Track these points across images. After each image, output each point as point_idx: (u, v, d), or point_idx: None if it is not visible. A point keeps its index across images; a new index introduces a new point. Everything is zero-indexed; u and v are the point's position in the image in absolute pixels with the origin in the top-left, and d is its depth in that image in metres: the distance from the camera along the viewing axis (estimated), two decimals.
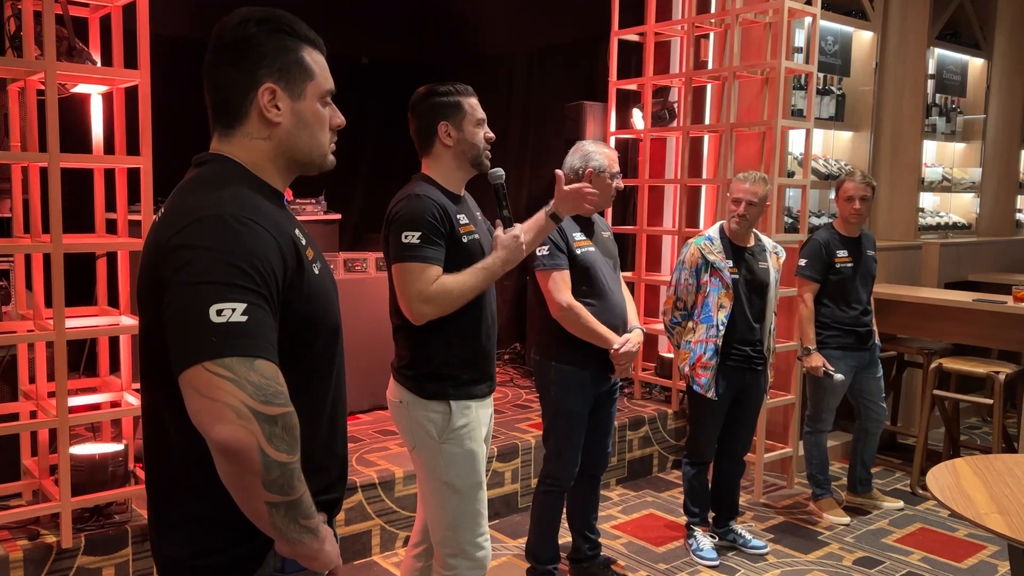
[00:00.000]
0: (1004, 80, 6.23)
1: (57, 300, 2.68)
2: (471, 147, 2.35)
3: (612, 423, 3.24)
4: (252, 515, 1.24)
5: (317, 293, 1.38)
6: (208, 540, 1.33)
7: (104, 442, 3.12)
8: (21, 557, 2.73)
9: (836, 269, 3.95)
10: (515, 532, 3.76)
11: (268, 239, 1.27)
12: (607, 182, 3.01)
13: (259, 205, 1.32)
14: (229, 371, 1.16)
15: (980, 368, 4.24)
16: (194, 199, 1.31)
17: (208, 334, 1.17)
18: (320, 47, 1.44)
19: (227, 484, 1.21)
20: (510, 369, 5.74)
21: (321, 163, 1.47)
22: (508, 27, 6.19)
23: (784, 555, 3.63)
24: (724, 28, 4.63)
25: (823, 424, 4.05)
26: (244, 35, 1.37)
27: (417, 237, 2.21)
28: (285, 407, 1.20)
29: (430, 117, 2.34)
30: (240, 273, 1.21)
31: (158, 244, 1.28)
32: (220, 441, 1.16)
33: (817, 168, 5.02)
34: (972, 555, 3.66)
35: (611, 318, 3.00)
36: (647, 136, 4.86)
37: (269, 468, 1.18)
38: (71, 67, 2.76)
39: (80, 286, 3.35)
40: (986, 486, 2.45)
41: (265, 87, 1.36)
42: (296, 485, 1.22)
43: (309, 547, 1.28)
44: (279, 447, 1.18)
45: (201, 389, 1.17)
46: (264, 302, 1.23)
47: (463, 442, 2.32)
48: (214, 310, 1.18)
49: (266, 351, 1.21)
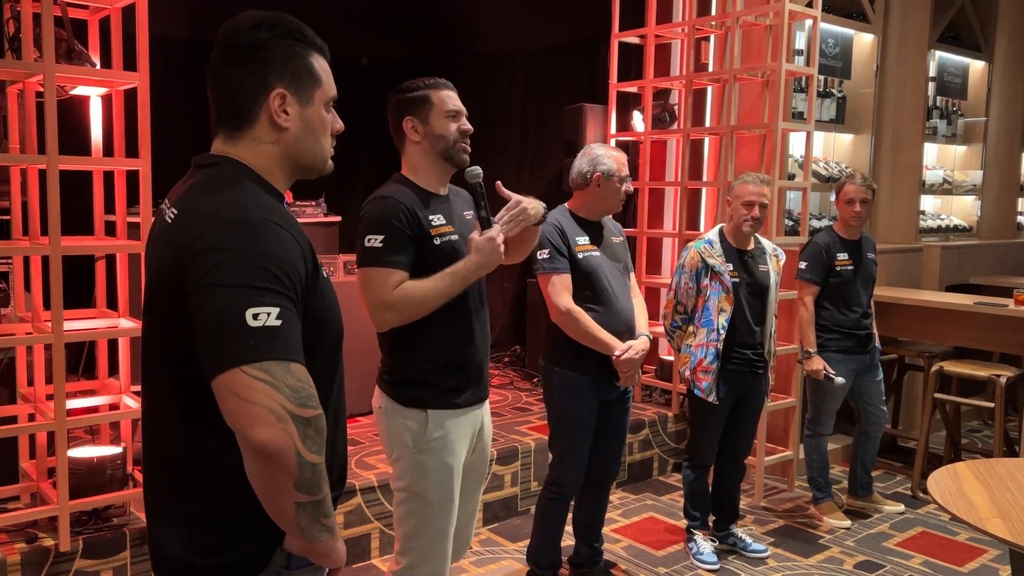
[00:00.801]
0: (1005, 83, 6.22)
1: (55, 302, 2.67)
2: (438, 139, 2.25)
3: (624, 432, 3.17)
4: (277, 514, 1.25)
5: (328, 297, 1.40)
6: (211, 540, 1.34)
7: (102, 445, 3.12)
8: (19, 560, 2.72)
9: (836, 272, 3.94)
10: (515, 535, 3.75)
11: (292, 242, 1.29)
12: (616, 186, 2.98)
13: (276, 207, 1.34)
14: (267, 375, 1.18)
15: (981, 371, 4.23)
16: (214, 201, 1.31)
17: (246, 338, 1.18)
18: (326, 53, 1.46)
19: (255, 484, 1.22)
20: (510, 372, 5.74)
21: (322, 168, 1.48)
22: (508, 28, 6.19)
23: (784, 559, 3.62)
24: (724, 31, 4.62)
25: (823, 427, 4.04)
26: (256, 39, 1.37)
27: (380, 241, 2.14)
28: (317, 409, 1.22)
29: (397, 114, 2.28)
30: (271, 277, 1.23)
31: (180, 246, 1.27)
32: (259, 443, 1.17)
33: (818, 171, 5.01)
34: (973, 559, 3.65)
35: (616, 324, 2.95)
36: (647, 138, 4.85)
37: (303, 469, 1.20)
38: (70, 69, 2.76)
39: (79, 288, 3.35)
40: (987, 490, 2.44)
41: (276, 92, 1.37)
42: (323, 485, 1.25)
43: (325, 545, 1.30)
44: (312, 448, 1.21)
45: (239, 392, 1.17)
46: (293, 306, 1.25)
47: (437, 454, 2.24)
48: (250, 314, 1.19)
49: (299, 355, 1.23)
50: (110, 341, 3.23)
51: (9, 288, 3.25)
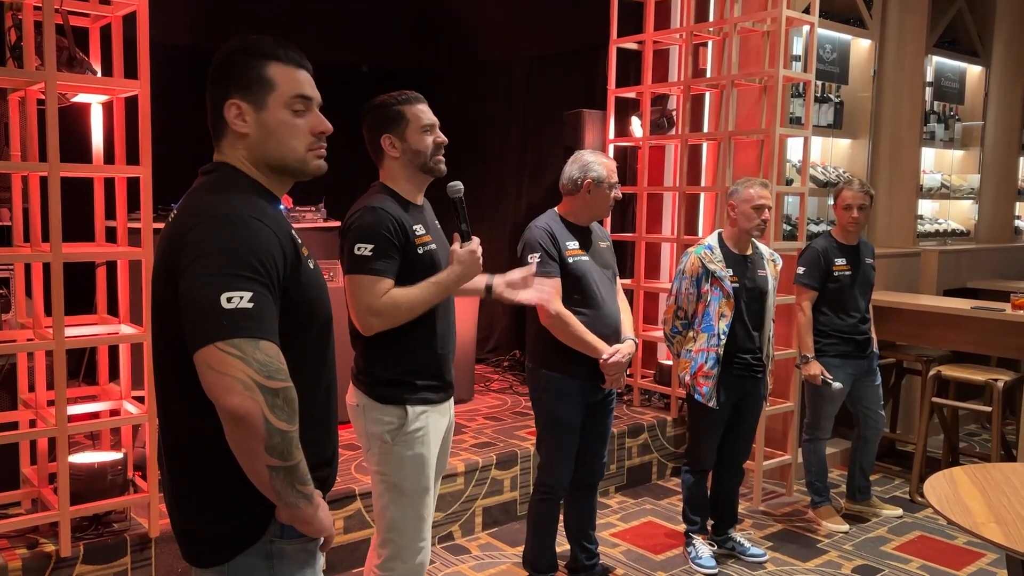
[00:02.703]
0: (1002, 87, 6.24)
1: (56, 309, 2.68)
2: (417, 155, 2.36)
3: (607, 433, 3.23)
4: (255, 478, 1.39)
5: (312, 284, 1.54)
6: (215, 508, 1.49)
7: (103, 451, 3.13)
8: (20, 566, 2.73)
9: (834, 277, 3.96)
10: (513, 540, 3.76)
11: (270, 235, 1.44)
12: (605, 192, 3.03)
13: (261, 205, 1.50)
14: (238, 350, 1.33)
15: (979, 375, 4.24)
16: (205, 200, 1.48)
17: (220, 318, 1.34)
18: (294, 62, 1.56)
19: (234, 448, 1.37)
20: (509, 376, 5.75)
21: (301, 167, 1.58)
22: (508, 35, 6.20)
23: (783, 563, 3.63)
24: (722, 37, 4.64)
25: (822, 432, 4.05)
26: (221, 60, 1.55)
27: (370, 249, 2.24)
28: (285, 382, 1.37)
29: (374, 131, 2.38)
30: (247, 266, 1.38)
31: (172, 240, 1.45)
32: (230, 409, 1.33)
33: (816, 176, 5.03)
34: (971, 563, 3.66)
35: (603, 328, 3.01)
36: (646, 144, 4.87)
37: (271, 434, 1.34)
38: (71, 77, 2.77)
39: (80, 294, 3.36)
40: (983, 495, 2.45)
41: (230, 103, 1.53)
42: (294, 452, 1.39)
43: (304, 511, 1.44)
44: (280, 416, 1.35)
45: (214, 365, 1.33)
46: (267, 291, 1.40)
47: (414, 446, 2.34)
48: (224, 298, 1.35)
49: (269, 333, 1.38)
50: (111, 347, 3.24)
51: (10, 294, 3.26)
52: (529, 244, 2.98)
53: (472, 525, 3.85)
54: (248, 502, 1.45)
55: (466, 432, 4.35)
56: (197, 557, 1.54)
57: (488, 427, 4.48)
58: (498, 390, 5.37)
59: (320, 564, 1.61)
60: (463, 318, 4.99)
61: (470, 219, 2.34)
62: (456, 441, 4.10)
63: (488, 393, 5.28)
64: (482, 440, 4.21)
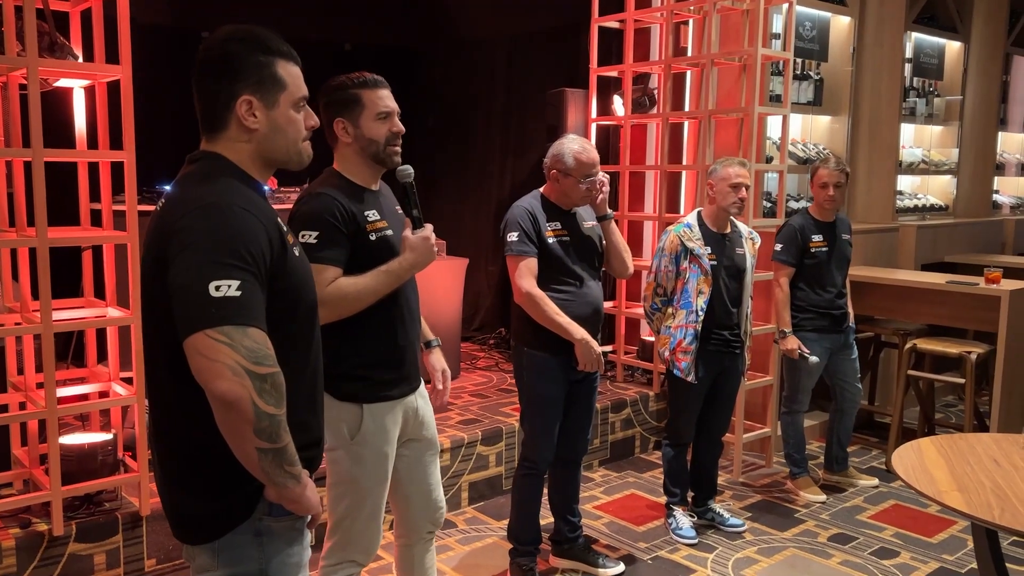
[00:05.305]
0: (981, 63, 6.30)
1: (44, 293, 2.72)
2: (369, 143, 2.26)
3: (590, 411, 3.25)
4: (244, 459, 1.44)
5: (299, 272, 1.60)
6: (206, 488, 1.54)
7: (93, 432, 3.17)
8: (13, 545, 2.79)
9: (811, 254, 4.03)
10: (499, 514, 3.84)
11: (257, 224, 1.48)
12: (574, 183, 2.97)
13: (249, 195, 1.54)
14: (226, 336, 1.37)
15: (953, 348, 4.34)
16: (193, 190, 1.51)
17: (208, 306, 1.38)
18: (293, 59, 1.63)
19: (224, 432, 1.42)
20: (495, 353, 5.81)
21: (297, 160, 1.66)
22: (490, 13, 6.19)
23: (761, 532, 3.73)
24: (703, 15, 4.67)
25: (799, 405, 4.14)
26: (226, 52, 1.56)
27: (314, 237, 2.15)
28: (273, 367, 1.41)
29: (328, 114, 2.26)
30: (235, 254, 1.42)
31: (162, 227, 1.49)
32: (219, 394, 1.37)
33: (795, 152, 5.08)
34: (943, 530, 3.77)
35: (583, 309, 3.02)
36: (627, 123, 4.90)
37: (260, 418, 1.39)
38: (53, 63, 2.78)
39: (66, 277, 3.39)
40: (948, 464, 2.53)
41: (243, 99, 1.56)
42: (282, 435, 1.43)
43: (292, 491, 1.49)
44: (267, 400, 1.39)
45: (203, 352, 1.37)
46: (255, 279, 1.44)
47: (373, 445, 2.28)
48: (213, 286, 1.39)
49: (257, 320, 1.42)
50: (99, 329, 3.27)
51: None
52: (509, 223, 3.01)
53: (459, 500, 3.93)
54: (238, 482, 1.50)
55: (452, 409, 4.42)
56: (188, 535, 1.58)
57: (474, 404, 4.55)
58: (484, 368, 5.44)
59: (307, 540, 1.66)
60: (448, 297, 5.06)
61: (430, 201, 2.25)
62: (442, 418, 4.16)
63: (474, 371, 5.35)
64: (468, 417, 4.28)
